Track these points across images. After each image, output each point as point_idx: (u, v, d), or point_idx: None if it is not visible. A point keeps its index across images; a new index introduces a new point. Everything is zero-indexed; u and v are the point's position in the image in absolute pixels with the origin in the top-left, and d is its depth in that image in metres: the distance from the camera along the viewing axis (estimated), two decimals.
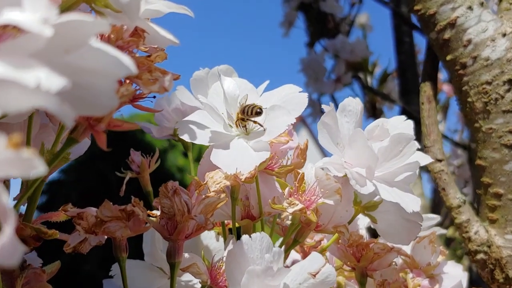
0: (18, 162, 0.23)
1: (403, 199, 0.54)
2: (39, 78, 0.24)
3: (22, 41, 0.26)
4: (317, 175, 0.54)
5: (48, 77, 0.24)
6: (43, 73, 0.25)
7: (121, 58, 0.30)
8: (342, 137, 0.56)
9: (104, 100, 0.31)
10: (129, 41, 0.41)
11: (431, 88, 0.86)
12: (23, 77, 0.24)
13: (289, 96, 0.58)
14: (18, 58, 0.25)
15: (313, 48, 2.12)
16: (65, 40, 0.27)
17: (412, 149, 0.55)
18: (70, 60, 0.29)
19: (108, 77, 0.30)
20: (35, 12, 0.25)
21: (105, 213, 0.44)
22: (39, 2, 0.25)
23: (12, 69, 0.24)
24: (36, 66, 0.25)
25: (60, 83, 0.25)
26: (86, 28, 0.27)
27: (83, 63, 0.29)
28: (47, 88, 0.24)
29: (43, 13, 0.25)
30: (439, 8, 0.80)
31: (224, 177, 0.53)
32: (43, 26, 0.25)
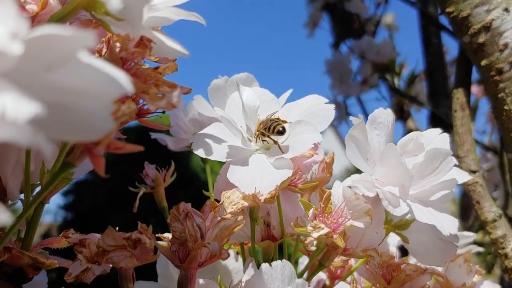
0: None
1: (439, 221, 0.49)
2: (4, 106, 0.19)
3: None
4: (345, 194, 0.49)
5: (16, 104, 0.20)
6: (9, 99, 0.20)
7: (115, 75, 0.25)
8: (372, 152, 0.51)
9: (97, 124, 0.26)
10: (134, 52, 0.36)
11: (464, 94, 0.80)
12: None
13: (314, 108, 0.53)
14: None
15: (338, 49, 2.06)
16: (42, 56, 0.22)
17: (449, 166, 0.50)
18: (52, 80, 0.24)
19: (100, 98, 0.25)
20: (1, 26, 0.20)
21: (108, 241, 0.39)
22: (6, 13, 0.20)
23: None
24: (1, 90, 0.20)
25: (31, 111, 0.20)
26: (67, 42, 0.22)
27: (69, 81, 0.24)
28: (13, 117, 0.19)
29: (12, 26, 0.20)
30: (473, 10, 0.74)
31: (241, 197, 0.48)
32: (11, 42, 0.20)
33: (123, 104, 0.32)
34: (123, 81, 0.25)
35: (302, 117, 0.53)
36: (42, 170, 0.41)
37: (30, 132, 0.20)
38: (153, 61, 0.41)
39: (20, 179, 0.42)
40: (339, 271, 0.66)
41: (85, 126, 0.26)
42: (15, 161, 0.41)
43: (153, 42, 0.37)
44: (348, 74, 1.84)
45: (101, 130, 0.27)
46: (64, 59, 0.23)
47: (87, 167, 0.49)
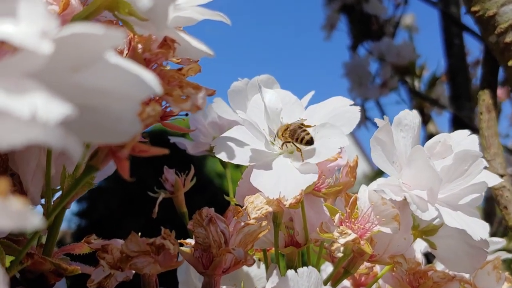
0: (5, 214, 0.18)
1: (470, 225, 0.49)
2: (35, 107, 0.19)
3: (17, 59, 0.21)
4: (372, 199, 0.48)
5: (47, 105, 0.20)
6: (40, 100, 0.20)
7: (143, 76, 0.25)
8: (398, 154, 0.50)
9: (124, 126, 0.26)
10: (158, 53, 0.36)
11: (490, 96, 0.79)
12: (14, 105, 0.19)
13: (339, 110, 0.52)
14: (10, 80, 0.21)
15: (356, 51, 2.05)
16: (71, 56, 0.22)
17: (479, 168, 0.49)
18: (79, 80, 0.24)
19: (128, 99, 0.25)
20: (32, 25, 0.20)
21: (132, 247, 0.39)
22: (36, 12, 0.20)
23: (2, 95, 0.19)
24: (32, 91, 0.20)
25: (62, 112, 0.20)
26: (96, 41, 0.22)
27: (96, 82, 0.24)
28: (45, 119, 0.19)
29: (42, 25, 0.20)
30: (499, 9, 0.73)
31: (265, 202, 0.48)
32: (40, 42, 0.20)
33: (147, 106, 0.32)
34: (151, 82, 0.25)
35: (327, 119, 0.52)
36: (63, 174, 0.41)
37: (60, 134, 0.20)
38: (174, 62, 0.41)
39: (41, 184, 0.42)
40: (363, 278, 0.65)
41: (112, 128, 0.26)
42: (35, 165, 0.41)
43: (176, 43, 0.37)
44: (367, 76, 1.83)
45: (128, 132, 0.27)
46: (92, 59, 0.23)
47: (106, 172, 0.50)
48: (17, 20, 0.20)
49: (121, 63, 0.25)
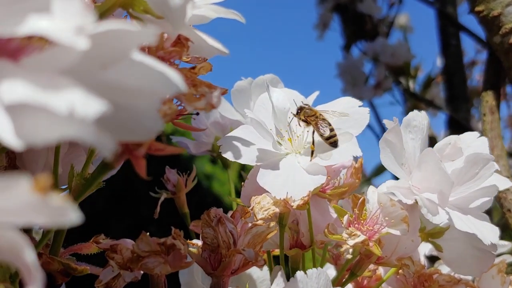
0: (46, 210, 0.18)
1: (480, 229, 0.49)
2: (72, 103, 0.19)
3: (51, 55, 0.21)
4: (381, 200, 0.49)
5: (84, 102, 0.20)
6: (77, 96, 0.20)
7: (168, 73, 0.25)
8: (407, 156, 0.51)
9: (147, 123, 0.27)
10: (172, 51, 0.36)
11: (493, 97, 0.80)
12: (51, 102, 0.19)
13: (348, 111, 0.53)
14: (45, 76, 0.21)
15: (349, 51, 2.06)
16: (103, 53, 0.23)
17: (490, 171, 0.50)
18: (107, 77, 0.24)
19: (153, 97, 0.26)
20: (68, 20, 0.20)
21: (143, 247, 0.39)
22: (72, 7, 0.20)
23: (38, 91, 0.20)
24: (68, 87, 0.20)
25: (98, 109, 0.20)
26: (128, 39, 0.23)
27: (123, 80, 0.25)
28: (82, 115, 0.19)
29: (78, 20, 0.20)
30: (504, 9, 0.74)
31: (272, 202, 0.48)
32: (77, 37, 0.20)
33: (164, 104, 0.32)
34: (176, 80, 0.25)
35: (335, 120, 0.52)
36: (71, 173, 0.41)
37: (95, 131, 0.20)
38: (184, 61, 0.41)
39: None
40: (366, 281, 0.65)
41: (136, 125, 0.26)
42: (43, 164, 0.41)
43: (190, 41, 0.37)
44: (361, 77, 1.84)
45: (151, 130, 0.27)
46: (120, 56, 0.24)
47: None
48: (53, 16, 0.20)
49: (146, 61, 0.25)
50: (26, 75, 0.21)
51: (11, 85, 0.20)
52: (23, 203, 0.18)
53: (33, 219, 0.19)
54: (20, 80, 0.20)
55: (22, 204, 0.18)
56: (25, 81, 0.20)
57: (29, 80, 0.20)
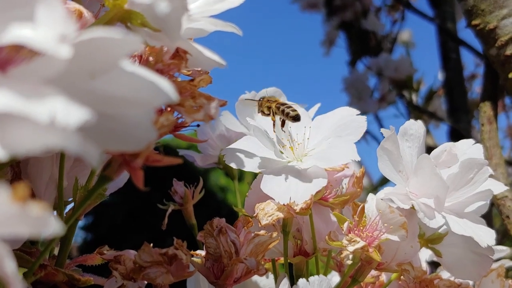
0: (26, 219, 0.17)
1: (476, 233, 0.48)
2: (54, 111, 0.18)
3: (37, 64, 0.20)
4: (379, 207, 0.47)
5: (66, 110, 0.19)
6: (59, 104, 0.19)
7: (159, 83, 0.24)
8: (404, 164, 0.49)
9: (139, 133, 0.26)
10: (170, 64, 0.35)
11: (491, 108, 0.78)
12: (32, 109, 0.18)
13: (346, 119, 0.52)
14: (29, 86, 0.20)
15: (355, 66, 2.05)
16: (89, 62, 0.22)
17: (485, 176, 0.48)
18: (96, 86, 0.23)
19: (144, 107, 0.25)
20: (50, 28, 0.19)
21: (145, 258, 0.38)
22: (54, 16, 0.19)
23: (20, 99, 0.19)
24: (50, 95, 0.19)
25: (81, 117, 0.19)
26: (115, 47, 0.22)
27: (113, 89, 0.24)
28: (64, 123, 0.18)
29: (60, 28, 0.19)
30: (500, 22, 0.72)
31: (276, 208, 0.47)
32: (59, 46, 0.19)
33: (161, 116, 0.31)
34: (167, 89, 0.24)
35: (334, 128, 0.52)
36: (75, 186, 0.40)
37: (78, 140, 0.19)
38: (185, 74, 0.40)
39: (53, 196, 0.41)
40: (369, 287, 0.64)
41: (128, 135, 0.25)
42: (48, 177, 0.40)
43: (188, 54, 0.36)
44: (366, 91, 1.83)
45: (143, 139, 0.26)
46: (109, 65, 0.23)
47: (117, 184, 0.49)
48: (36, 24, 0.19)
49: (137, 70, 0.24)
50: (11, 85, 0.20)
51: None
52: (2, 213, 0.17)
53: (14, 229, 0.18)
54: (4, 91, 0.19)
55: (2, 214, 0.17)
56: (9, 91, 0.19)
57: (13, 90, 0.19)
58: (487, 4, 0.74)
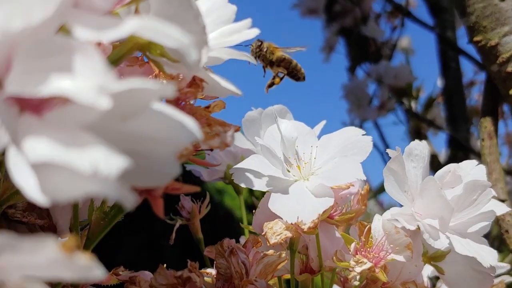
0: (72, 267, 0.19)
1: (479, 253, 0.49)
2: (96, 162, 0.20)
3: (73, 110, 0.22)
4: (385, 228, 0.49)
5: (107, 160, 0.20)
6: (100, 154, 0.20)
7: (185, 122, 0.25)
8: (410, 184, 0.51)
9: (165, 169, 0.27)
10: (187, 92, 0.36)
11: (491, 123, 0.80)
12: (75, 160, 0.20)
13: (352, 139, 0.53)
14: (68, 132, 0.21)
15: (354, 73, 2.07)
16: (123, 107, 0.23)
17: (488, 197, 0.50)
18: (127, 128, 0.24)
19: (171, 145, 0.26)
20: (89, 79, 0.20)
21: (160, 280, 0.40)
22: (93, 65, 0.21)
23: (62, 150, 0.20)
24: (91, 144, 0.20)
25: (121, 165, 0.20)
26: (149, 94, 0.23)
27: (142, 130, 0.25)
28: (106, 173, 0.20)
29: (99, 80, 0.20)
30: (501, 39, 0.74)
31: (285, 227, 0.48)
32: (99, 98, 0.20)
33: None
34: (193, 128, 0.25)
35: (340, 148, 0.53)
36: (90, 207, 0.41)
37: (117, 186, 0.21)
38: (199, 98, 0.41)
39: (69, 217, 0.42)
40: None
41: (154, 171, 0.27)
42: None
43: (204, 82, 0.37)
44: (365, 98, 1.84)
45: (169, 175, 0.27)
46: (140, 110, 0.24)
47: None
48: (75, 75, 0.21)
49: (165, 110, 0.25)
50: (49, 131, 0.21)
51: (36, 143, 0.21)
52: (51, 260, 0.18)
53: (59, 274, 0.19)
54: (44, 138, 0.21)
55: (50, 261, 0.18)
56: (49, 139, 0.20)
57: (53, 137, 0.21)
58: (488, 21, 0.75)
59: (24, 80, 0.21)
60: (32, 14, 0.20)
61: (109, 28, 0.21)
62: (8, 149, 0.21)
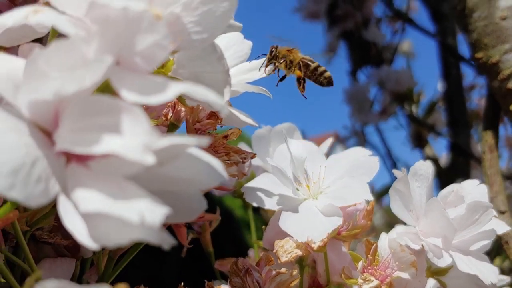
0: None
1: (481, 270, 0.52)
2: (142, 212, 0.22)
3: (117, 162, 0.24)
4: (391, 246, 0.51)
5: (152, 210, 0.23)
6: (145, 205, 0.23)
7: (213, 164, 0.28)
8: (414, 203, 0.53)
9: (193, 206, 0.29)
10: (207, 123, 0.39)
11: (492, 137, 0.82)
12: (125, 212, 0.22)
13: (359, 160, 0.56)
14: (113, 183, 0.24)
15: (355, 76, 2.09)
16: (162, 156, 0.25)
17: (489, 217, 0.52)
18: (163, 172, 0.27)
19: (201, 186, 0.28)
20: (136, 138, 0.23)
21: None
22: (140, 126, 0.23)
23: (111, 201, 0.22)
24: (137, 196, 0.23)
25: (163, 214, 0.23)
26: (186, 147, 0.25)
27: (176, 173, 0.27)
28: (151, 223, 0.22)
29: (145, 138, 0.23)
30: (502, 57, 0.76)
31: (295, 246, 0.50)
32: (145, 155, 0.23)
33: None
34: (220, 170, 0.28)
35: (348, 168, 0.55)
36: None
37: (158, 231, 0.23)
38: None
39: None
40: None
41: (183, 209, 0.29)
42: None
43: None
44: (367, 104, 1.86)
45: (198, 211, 0.29)
46: (174, 158, 0.26)
47: None
48: (123, 135, 0.23)
49: (195, 153, 0.28)
50: (97, 182, 0.24)
51: (87, 195, 0.23)
52: None
53: None
54: (94, 191, 0.23)
55: None
56: (99, 191, 0.23)
57: (101, 189, 0.23)
58: (489, 39, 0.78)
59: (76, 137, 0.23)
60: (85, 81, 0.22)
61: (154, 93, 0.23)
62: (59, 197, 0.24)
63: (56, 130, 0.25)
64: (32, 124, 0.25)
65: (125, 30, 0.23)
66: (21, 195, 0.22)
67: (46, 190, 0.23)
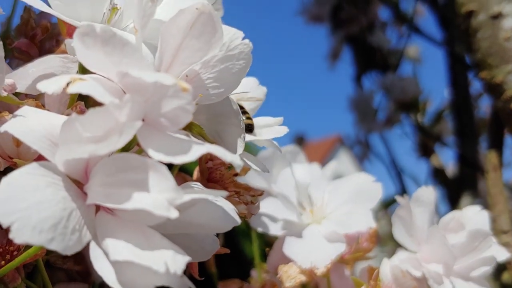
0: None
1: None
2: (167, 262, 0.26)
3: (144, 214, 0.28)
4: (393, 272, 0.55)
5: (175, 259, 0.27)
6: (169, 254, 0.27)
7: (227, 209, 0.32)
8: (416, 228, 0.57)
9: (207, 248, 0.33)
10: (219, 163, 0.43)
11: (496, 156, 0.86)
12: (151, 262, 0.26)
13: (363, 186, 0.60)
14: (140, 232, 0.28)
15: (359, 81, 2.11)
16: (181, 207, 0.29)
17: (489, 244, 0.56)
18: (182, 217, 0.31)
19: (215, 231, 0.32)
20: (163, 194, 0.27)
21: None
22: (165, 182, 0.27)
23: (139, 251, 0.26)
24: (162, 246, 0.27)
25: (185, 263, 0.27)
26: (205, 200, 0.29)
27: (192, 219, 0.31)
28: (174, 271, 0.26)
29: (171, 195, 0.27)
30: (506, 77, 0.80)
31: (299, 271, 0.54)
32: (170, 210, 0.27)
33: None
34: (234, 215, 0.32)
35: (351, 194, 0.59)
36: None
37: (179, 278, 0.27)
38: None
39: None
40: None
41: (199, 250, 0.33)
42: None
43: None
44: (371, 112, 1.88)
45: (211, 252, 0.34)
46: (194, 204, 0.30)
47: None
48: (151, 192, 0.27)
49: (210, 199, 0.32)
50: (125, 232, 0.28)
51: (116, 243, 0.27)
52: None
53: None
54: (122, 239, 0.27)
55: None
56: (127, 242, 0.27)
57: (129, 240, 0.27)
58: (493, 59, 0.82)
59: (107, 192, 0.27)
60: (118, 144, 0.26)
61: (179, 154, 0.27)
62: (90, 243, 0.28)
63: (87, 182, 0.29)
64: (66, 176, 0.29)
65: (153, 96, 0.28)
66: (60, 247, 0.26)
67: (80, 239, 0.27)
